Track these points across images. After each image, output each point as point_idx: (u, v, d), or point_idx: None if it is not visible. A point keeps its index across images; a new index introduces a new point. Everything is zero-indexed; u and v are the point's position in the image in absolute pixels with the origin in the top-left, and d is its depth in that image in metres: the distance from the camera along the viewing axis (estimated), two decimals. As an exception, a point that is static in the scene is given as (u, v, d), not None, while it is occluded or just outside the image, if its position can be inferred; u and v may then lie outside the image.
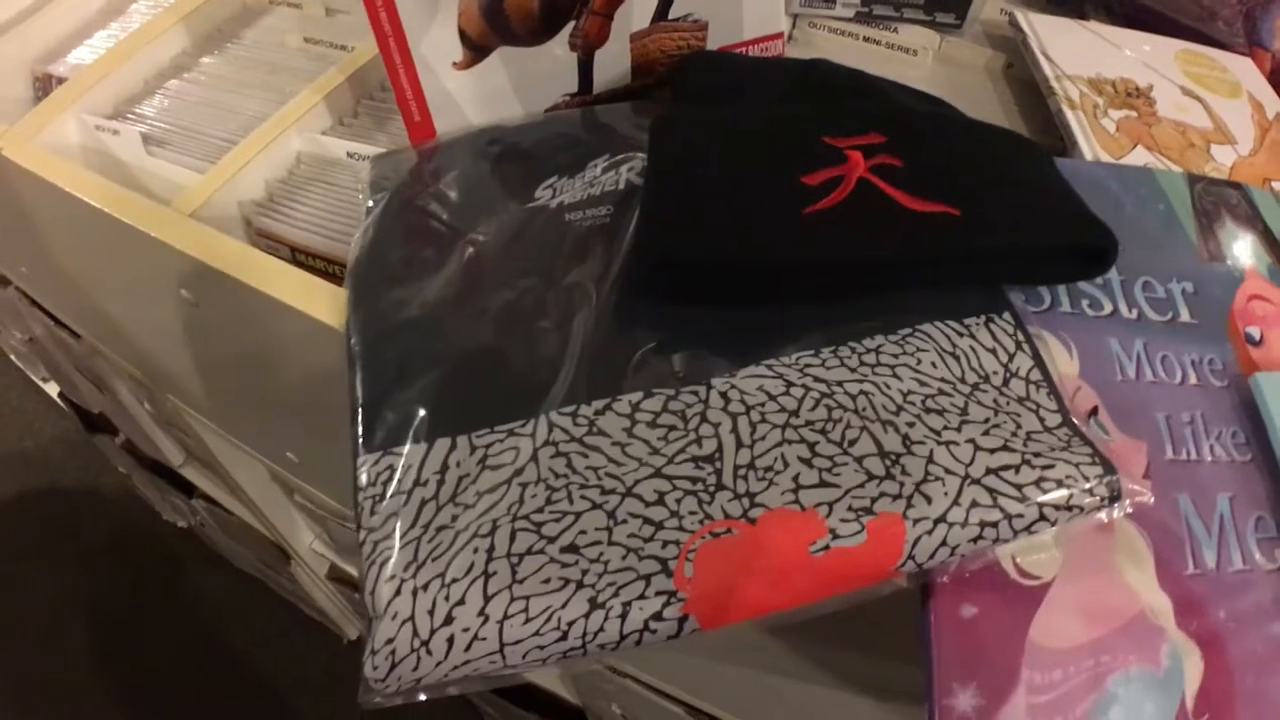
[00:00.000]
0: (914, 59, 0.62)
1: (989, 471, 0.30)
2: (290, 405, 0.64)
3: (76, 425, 1.78)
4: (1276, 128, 0.60)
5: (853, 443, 0.31)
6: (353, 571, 1.04)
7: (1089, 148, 0.51)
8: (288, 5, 0.72)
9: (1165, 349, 0.40)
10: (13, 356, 2.02)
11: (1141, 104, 0.56)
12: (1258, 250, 0.47)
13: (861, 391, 0.32)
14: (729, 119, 0.43)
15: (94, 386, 1.16)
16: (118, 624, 1.55)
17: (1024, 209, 0.39)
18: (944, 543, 0.29)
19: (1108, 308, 0.40)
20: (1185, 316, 0.42)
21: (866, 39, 0.63)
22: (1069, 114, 0.54)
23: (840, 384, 0.33)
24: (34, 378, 2.00)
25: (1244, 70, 0.64)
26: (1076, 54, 0.59)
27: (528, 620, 0.29)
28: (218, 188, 0.52)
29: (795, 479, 0.30)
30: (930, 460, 0.30)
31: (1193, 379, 0.39)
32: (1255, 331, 0.43)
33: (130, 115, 0.68)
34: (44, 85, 0.89)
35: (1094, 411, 0.36)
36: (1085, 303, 0.40)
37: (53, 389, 1.91)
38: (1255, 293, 0.45)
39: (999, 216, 0.38)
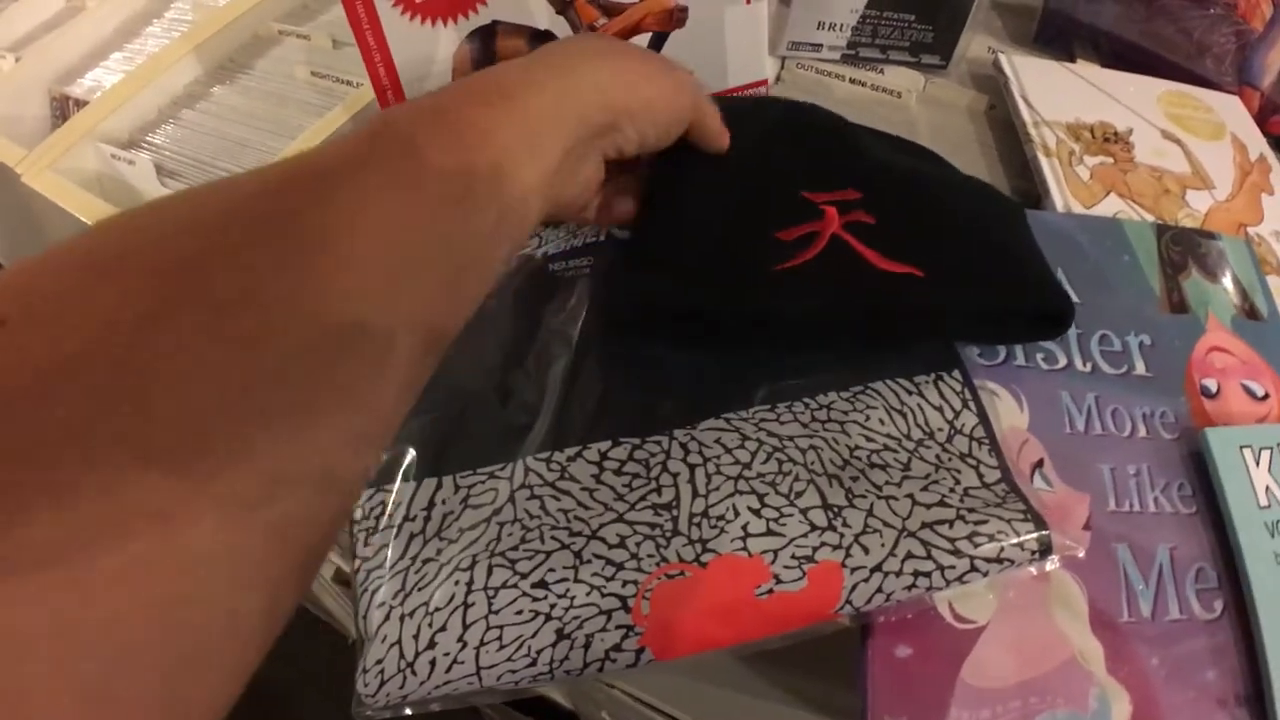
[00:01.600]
0: (898, 101, 0.65)
1: (924, 525, 0.33)
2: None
3: None
4: (1258, 170, 0.63)
5: (799, 495, 0.34)
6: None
7: (1061, 196, 0.54)
8: (296, 36, 0.76)
9: (1117, 402, 0.43)
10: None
11: (1119, 149, 0.59)
12: (1223, 300, 0.49)
13: (811, 446, 0.36)
14: (714, 170, 0.44)
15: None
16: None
17: (987, 273, 0.41)
18: (880, 589, 0.32)
19: (1062, 361, 0.43)
20: (1140, 370, 0.44)
21: (853, 80, 0.66)
22: (1043, 161, 0.56)
23: (792, 439, 0.36)
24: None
25: (1230, 110, 0.66)
26: (1057, 98, 0.62)
27: (501, 647, 0.33)
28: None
29: (744, 528, 0.33)
30: (870, 513, 0.33)
31: (1142, 432, 0.42)
32: (1212, 384, 0.45)
33: (144, 144, 0.72)
34: (61, 106, 0.93)
35: (1040, 464, 0.39)
36: (1040, 356, 0.43)
37: None
38: (1216, 344, 0.47)
39: (961, 280, 0.40)
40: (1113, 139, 0.60)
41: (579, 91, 0.34)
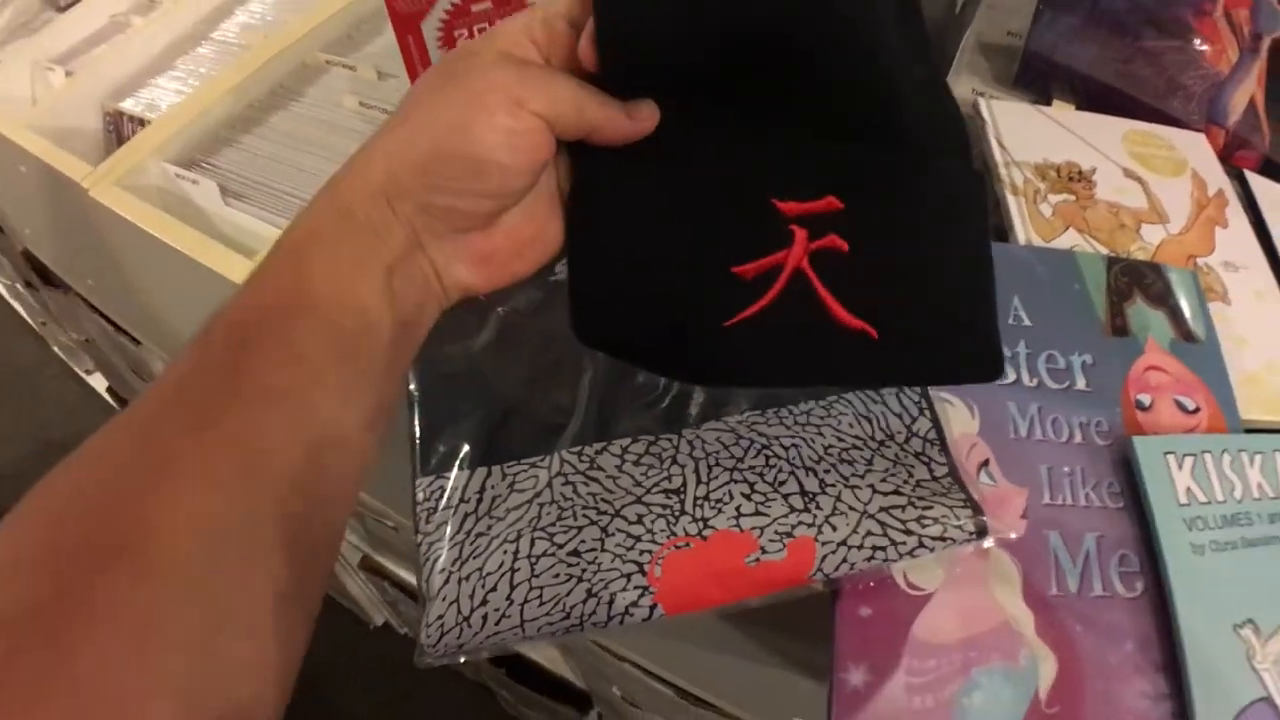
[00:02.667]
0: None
1: (882, 509, 0.42)
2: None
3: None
4: (1214, 205, 0.71)
5: (782, 484, 0.43)
6: (382, 561, 1.17)
7: (1024, 231, 0.63)
8: (342, 67, 0.85)
9: (1057, 413, 0.51)
10: (55, 348, 2.17)
11: (1081, 187, 0.68)
12: (1162, 325, 0.57)
13: (793, 444, 0.45)
14: (654, 158, 0.37)
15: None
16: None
17: (936, 339, 0.39)
18: (845, 560, 0.41)
19: (1011, 377, 0.52)
20: (1081, 385, 0.53)
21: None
22: (1010, 199, 0.65)
23: (778, 438, 0.45)
24: (77, 369, 2.14)
25: (1193, 147, 0.73)
26: (1028, 140, 0.70)
27: (541, 604, 0.42)
28: (294, 244, 0.65)
29: (738, 509, 0.42)
30: (838, 499, 0.42)
31: (1078, 438, 0.51)
32: (1146, 398, 0.54)
33: (206, 165, 0.81)
34: (115, 121, 1.01)
35: (986, 463, 0.48)
36: (994, 372, 0.52)
37: (97, 381, 2.05)
38: (1153, 364, 0.56)
39: (910, 348, 0.39)
40: (1076, 178, 0.68)
41: (363, 187, 0.34)
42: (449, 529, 0.45)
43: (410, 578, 1.11)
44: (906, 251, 0.39)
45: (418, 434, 0.48)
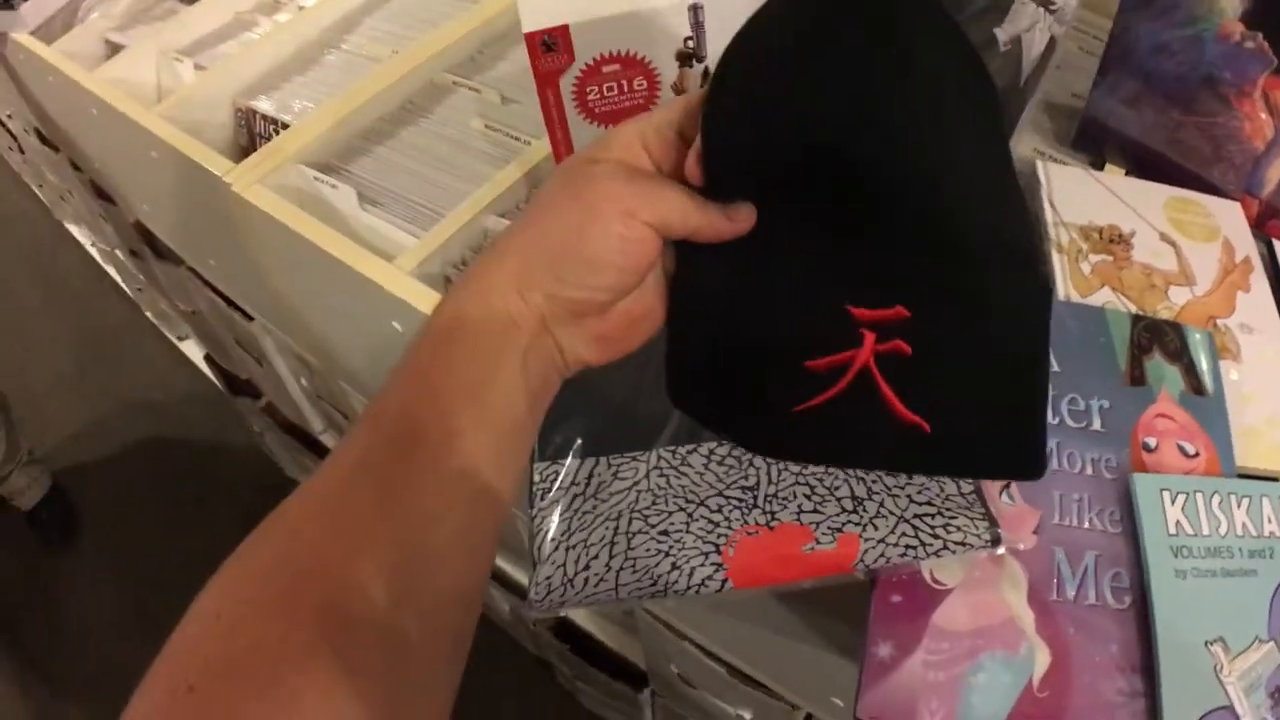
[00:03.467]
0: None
1: (916, 516, 0.52)
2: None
3: (209, 383, 2.02)
4: (1240, 270, 0.79)
5: (837, 489, 0.53)
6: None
7: (1064, 287, 0.72)
8: (469, 89, 0.96)
9: (1073, 448, 0.61)
10: (149, 314, 2.30)
11: (1119, 249, 0.76)
12: (1176, 378, 0.66)
13: (848, 459, 0.55)
14: (746, 257, 0.44)
15: (251, 358, 1.41)
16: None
17: (984, 439, 0.46)
18: (882, 555, 0.51)
19: (1038, 414, 0.62)
20: (1097, 426, 0.62)
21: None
22: (1055, 256, 0.74)
23: (836, 453, 0.55)
24: (170, 335, 2.27)
25: (1228, 215, 0.81)
26: (1077, 202, 0.78)
27: (634, 572, 0.52)
28: (431, 252, 0.76)
29: (799, 506, 0.53)
30: (881, 505, 0.52)
31: (1089, 471, 0.60)
32: (1152, 441, 0.63)
33: (342, 170, 0.92)
34: (246, 118, 1.11)
35: (1007, 485, 0.58)
36: (1023, 410, 0.62)
37: (190, 348, 2.16)
38: (1163, 412, 0.65)
39: (960, 446, 0.46)
40: (1116, 240, 0.77)
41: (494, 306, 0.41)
42: (560, 506, 0.56)
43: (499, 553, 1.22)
44: (964, 358, 0.45)
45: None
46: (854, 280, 0.44)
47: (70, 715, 1.75)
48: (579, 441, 0.58)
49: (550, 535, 0.55)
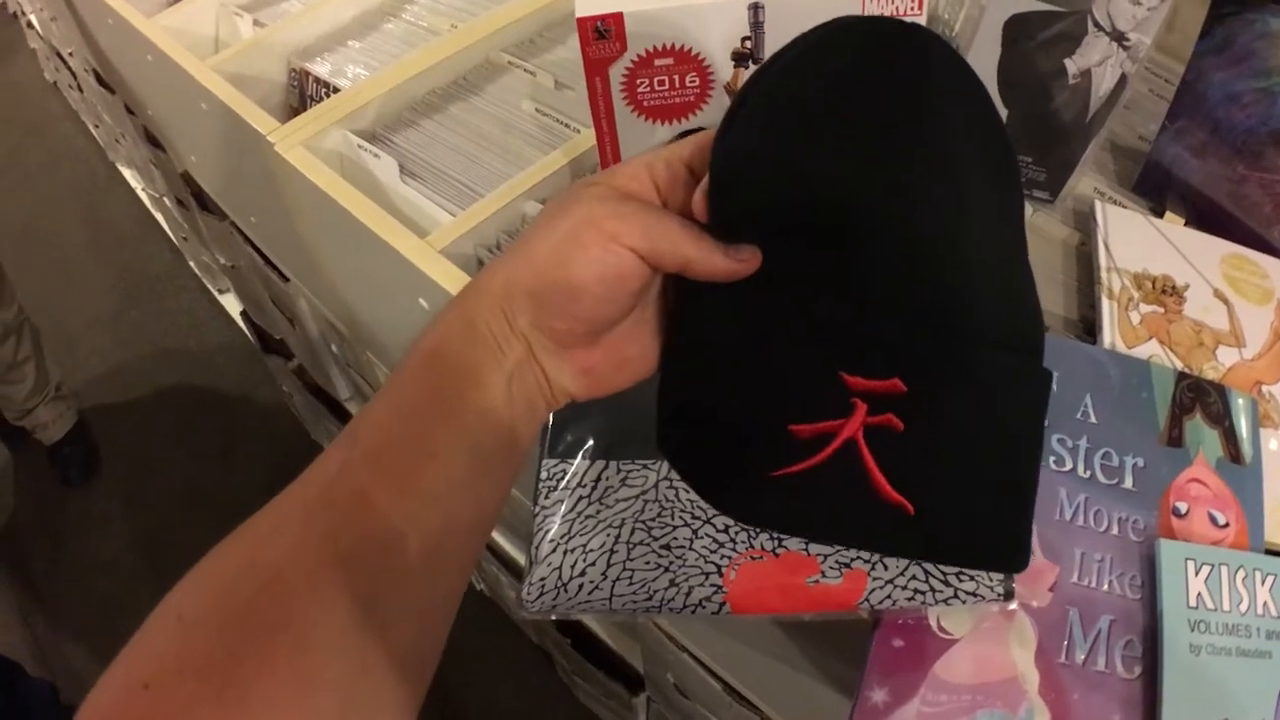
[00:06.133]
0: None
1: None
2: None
3: (244, 339, 2.04)
4: (1292, 336, 0.77)
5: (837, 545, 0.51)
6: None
7: (1110, 335, 0.70)
8: (524, 70, 0.95)
9: (1101, 505, 0.58)
10: (192, 264, 2.32)
11: (1171, 301, 0.74)
12: (1214, 443, 0.64)
13: (863, 493, 0.53)
14: (755, 309, 0.42)
15: (285, 318, 1.41)
16: (246, 516, 1.83)
17: (968, 528, 0.44)
18: (889, 596, 0.49)
19: (1069, 465, 0.59)
20: (1128, 484, 0.60)
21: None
22: (1105, 303, 0.72)
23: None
24: (210, 287, 2.29)
25: None
26: (1133, 248, 0.76)
27: (630, 584, 0.51)
28: (464, 232, 0.75)
29: (808, 537, 0.51)
30: (893, 545, 0.50)
31: (1115, 531, 0.58)
32: (1183, 506, 0.61)
33: (387, 140, 0.91)
34: (299, 79, 1.11)
35: (1028, 537, 0.56)
36: (1052, 459, 0.59)
37: (229, 301, 2.18)
38: (1197, 477, 0.62)
39: (941, 531, 0.44)
40: (1169, 291, 0.74)
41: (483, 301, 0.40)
42: (563, 507, 0.54)
43: (500, 540, 1.22)
44: (957, 442, 0.43)
45: (550, 420, 0.57)
46: (852, 346, 0.42)
47: (65, 650, 1.77)
48: (590, 442, 0.56)
49: (550, 536, 0.53)
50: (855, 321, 0.42)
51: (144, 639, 0.35)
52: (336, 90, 1.00)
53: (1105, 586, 0.56)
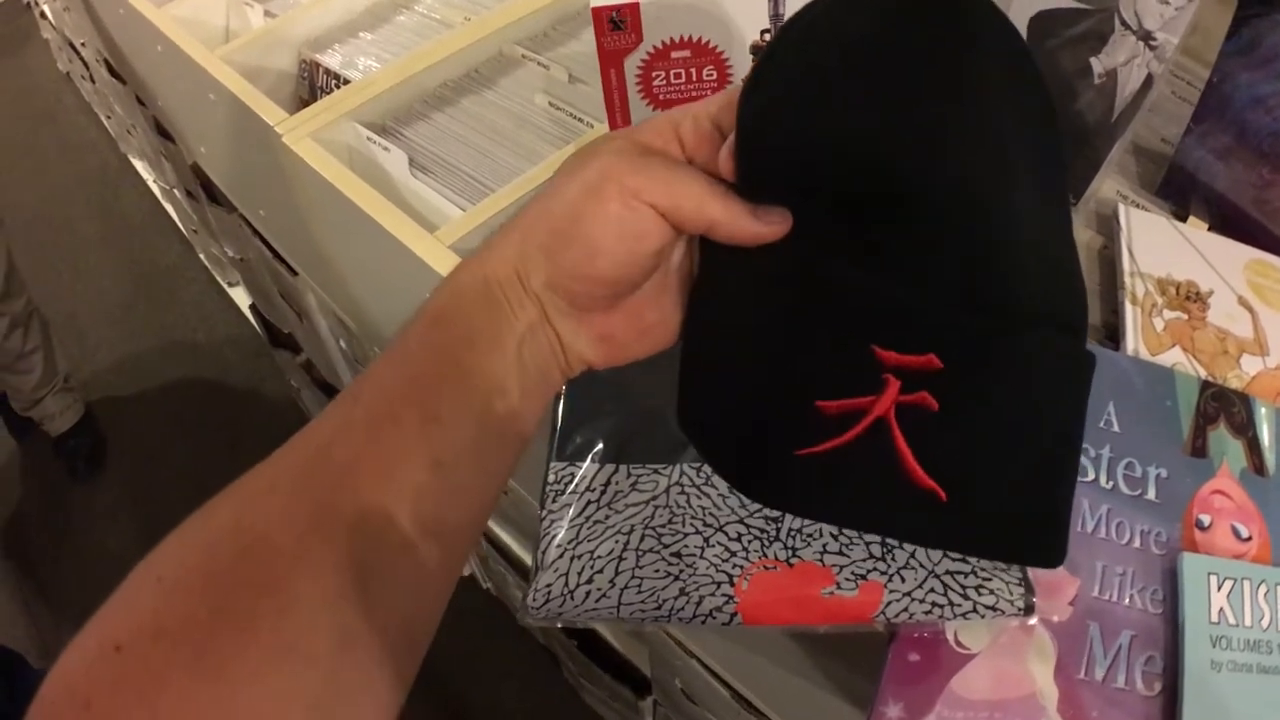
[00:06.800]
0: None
1: (947, 572, 0.48)
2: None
3: (253, 332, 2.03)
4: (1319, 345, 0.75)
5: (865, 532, 0.50)
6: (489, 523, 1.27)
7: (1133, 341, 0.68)
8: (537, 64, 0.93)
9: (1123, 517, 0.57)
10: (202, 257, 2.32)
11: (1195, 308, 0.72)
12: (1238, 453, 0.62)
13: (881, 502, 0.51)
14: (784, 277, 0.39)
15: (294, 313, 1.40)
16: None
17: (1004, 517, 0.41)
18: (906, 609, 0.47)
19: (1091, 475, 0.58)
20: (1151, 495, 0.58)
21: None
22: (1128, 308, 0.70)
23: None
24: (220, 280, 2.28)
25: None
26: (1157, 253, 0.74)
27: (639, 593, 0.49)
28: (474, 227, 0.74)
29: (824, 546, 0.49)
30: (912, 555, 0.49)
31: (1137, 544, 0.56)
32: (1206, 519, 0.59)
33: (397, 133, 0.90)
34: (310, 70, 1.10)
35: (1046, 549, 0.54)
36: (1074, 469, 0.58)
37: (239, 295, 2.18)
38: (1220, 489, 0.61)
39: (975, 520, 0.41)
40: (1193, 298, 0.73)
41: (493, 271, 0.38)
42: (571, 511, 0.53)
43: (508, 540, 1.20)
44: (995, 425, 0.39)
45: (559, 422, 0.56)
46: (885, 318, 0.38)
47: (67, 642, 1.75)
48: (600, 445, 0.55)
49: (557, 541, 0.52)
50: (889, 292, 0.38)
51: (120, 599, 0.33)
52: (347, 82, 0.99)
53: (1126, 601, 0.54)
